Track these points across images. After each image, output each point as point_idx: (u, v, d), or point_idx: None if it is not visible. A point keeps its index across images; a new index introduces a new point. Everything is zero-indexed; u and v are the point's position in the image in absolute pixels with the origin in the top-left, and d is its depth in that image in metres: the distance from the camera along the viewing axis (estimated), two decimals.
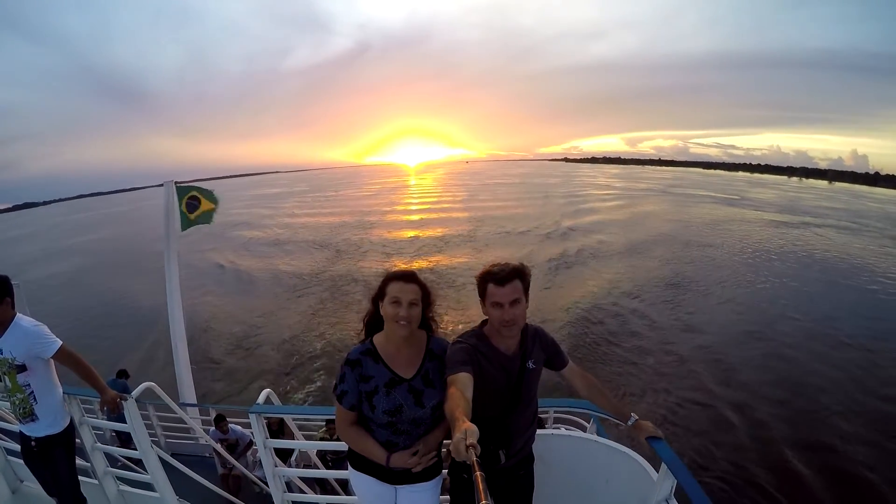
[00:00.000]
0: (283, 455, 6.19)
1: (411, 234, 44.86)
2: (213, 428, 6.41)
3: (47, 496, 3.59)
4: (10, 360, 2.85)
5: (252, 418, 2.86)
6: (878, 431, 11.77)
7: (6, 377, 2.90)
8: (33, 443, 3.09)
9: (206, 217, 7.98)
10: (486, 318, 2.22)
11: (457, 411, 1.63)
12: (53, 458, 3.12)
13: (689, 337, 17.69)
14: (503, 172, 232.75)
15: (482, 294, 2.14)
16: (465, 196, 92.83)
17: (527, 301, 2.13)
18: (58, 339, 2.99)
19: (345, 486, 4.75)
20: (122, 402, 3.11)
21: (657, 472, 2.27)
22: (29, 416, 2.98)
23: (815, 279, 26.89)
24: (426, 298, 2.17)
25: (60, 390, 3.16)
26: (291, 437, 6.10)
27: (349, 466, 2.37)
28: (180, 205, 7.62)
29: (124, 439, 7.37)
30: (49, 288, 33.60)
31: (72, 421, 3.19)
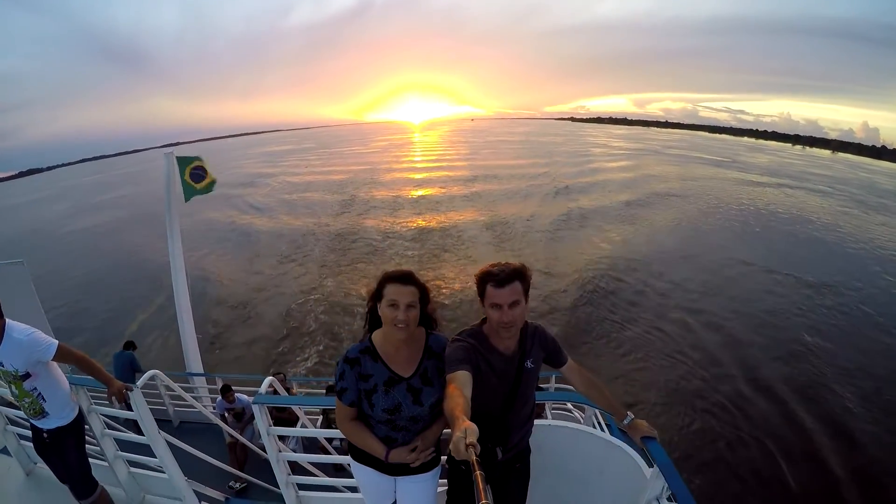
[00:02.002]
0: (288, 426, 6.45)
1: (419, 191, 46.03)
2: (220, 398, 6.52)
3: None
4: (12, 372, 2.86)
5: (255, 409, 2.96)
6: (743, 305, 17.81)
7: (12, 386, 2.93)
8: (45, 434, 3.15)
9: (210, 187, 8.02)
10: (486, 316, 2.21)
11: (456, 410, 1.65)
12: (64, 448, 3.18)
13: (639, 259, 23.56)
14: (508, 130, 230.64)
15: (481, 294, 2.12)
16: (468, 153, 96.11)
17: (526, 302, 2.11)
18: (54, 340, 2.99)
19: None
20: (129, 392, 3.16)
21: (651, 469, 2.32)
22: (40, 414, 3.03)
23: (756, 225, 32.05)
24: (424, 297, 2.16)
25: (66, 384, 3.20)
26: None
27: (350, 457, 2.44)
28: (183, 175, 7.62)
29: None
30: (95, 237, 37.20)
31: (80, 409, 3.25)
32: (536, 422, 2.69)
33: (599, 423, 3.82)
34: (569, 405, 6.91)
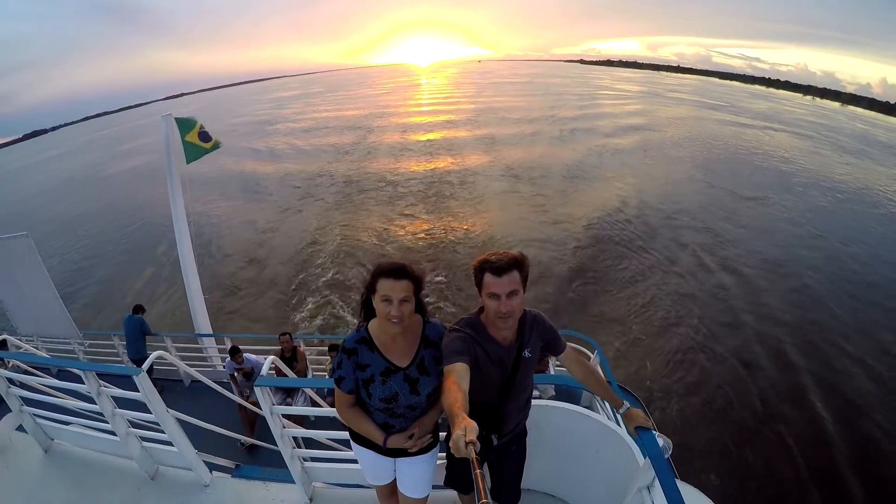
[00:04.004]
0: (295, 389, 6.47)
1: (427, 135, 47.35)
2: (229, 359, 6.52)
3: (80, 451, 3.96)
4: None
5: (257, 391, 2.98)
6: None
7: None
8: None
9: (217, 144, 7.99)
10: (483, 305, 2.16)
11: (455, 406, 1.64)
12: None
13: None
14: (513, 73, 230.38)
15: (479, 284, 2.08)
16: (474, 93, 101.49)
17: (524, 291, 2.06)
18: None
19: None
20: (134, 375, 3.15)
21: (644, 458, 2.29)
22: None
23: (719, 155, 37.21)
24: (418, 289, 2.11)
25: None
26: (304, 362, 6.69)
27: (350, 440, 2.48)
28: (183, 137, 7.50)
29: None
30: (134, 177, 39.95)
31: None
32: (536, 402, 2.72)
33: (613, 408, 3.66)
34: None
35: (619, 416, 2.65)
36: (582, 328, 11.23)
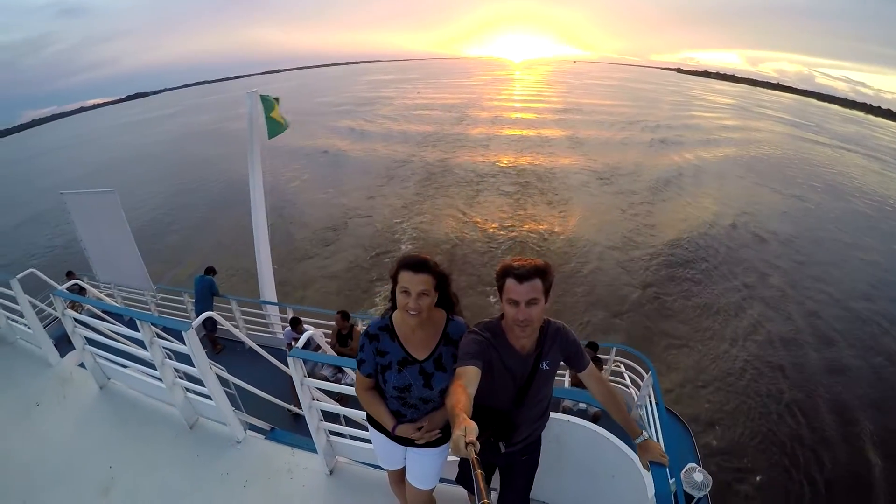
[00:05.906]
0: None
1: (518, 130, 46.53)
2: (289, 328, 6.57)
3: (131, 392, 4.13)
4: None
5: (290, 362, 3.02)
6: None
7: None
8: None
9: (287, 125, 7.98)
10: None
11: (457, 407, 1.60)
12: None
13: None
14: (609, 76, 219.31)
15: (500, 288, 1.99)
16: (566, 90, 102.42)
17: (546, 301, 1.95)
18: None
19: None
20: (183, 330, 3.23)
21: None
22: None
23: (768, 165, 35.91)
24: (442, 282, 2.05)
25: None
26: (359, 341, 6.42)
27: (367, 422, 2.47)
28: (268, 113, 7.54)
29: (209, 328, 7.79)
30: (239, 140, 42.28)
31: None
32: (558, 416, 2.71)
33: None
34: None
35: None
36: (643, 348, 10.39)
